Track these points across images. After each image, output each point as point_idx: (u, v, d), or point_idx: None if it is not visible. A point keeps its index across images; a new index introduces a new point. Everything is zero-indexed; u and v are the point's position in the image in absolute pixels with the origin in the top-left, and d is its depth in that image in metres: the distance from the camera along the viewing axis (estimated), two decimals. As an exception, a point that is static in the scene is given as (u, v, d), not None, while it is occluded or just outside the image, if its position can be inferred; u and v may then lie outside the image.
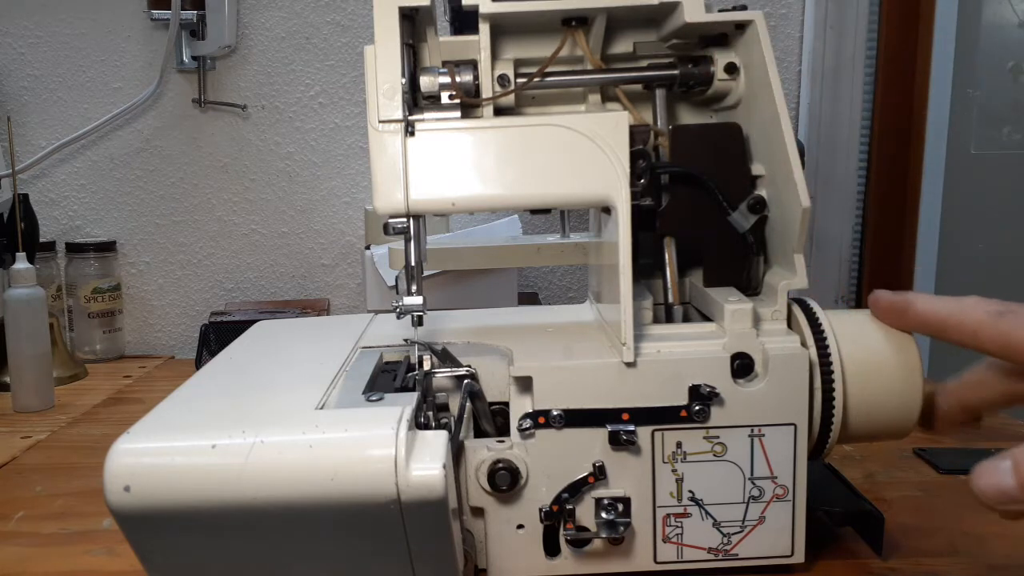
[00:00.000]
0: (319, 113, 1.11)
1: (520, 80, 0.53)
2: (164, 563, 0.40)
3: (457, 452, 0.46)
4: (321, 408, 0.43)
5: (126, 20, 1.09)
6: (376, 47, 0.47)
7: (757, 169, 0.52)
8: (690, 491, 0.47)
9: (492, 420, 0.49)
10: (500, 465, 0.46)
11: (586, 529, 0.47)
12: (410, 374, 0.49)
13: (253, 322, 0.65)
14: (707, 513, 0.47)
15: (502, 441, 0.47)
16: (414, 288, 0.48)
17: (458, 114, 0.50)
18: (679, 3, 0.49)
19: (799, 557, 0.48)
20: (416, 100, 0.51)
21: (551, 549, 0.48)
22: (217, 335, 0.97)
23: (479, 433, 0.49)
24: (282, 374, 0.50)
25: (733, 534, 0.48)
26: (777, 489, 0.47)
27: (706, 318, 0.51)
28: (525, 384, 0.47)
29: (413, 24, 0.51)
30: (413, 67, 0.51)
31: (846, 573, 0.50)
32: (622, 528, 0.46)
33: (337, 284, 1.15)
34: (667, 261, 0.53)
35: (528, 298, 1.11)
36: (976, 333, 0.39)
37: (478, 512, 0.47)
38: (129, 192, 1.12)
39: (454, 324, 0.58)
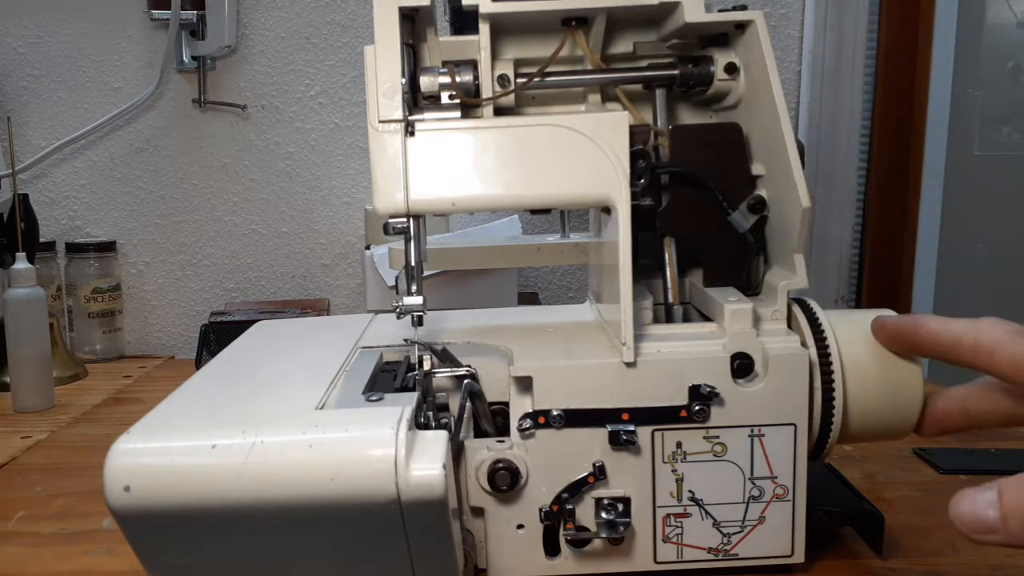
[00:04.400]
0: (319, 113, 1.11)
1: (520, 80, 0.53)
2: (164, 563, 0.40)
3: (457, 452, 0.46)
4: (321, 408, 0.43)
5: (126, 20, 1.09)
6: (376, 47, 0.47)
7: (757, 169, 0.52)
8: (690, 491, 0.47)
9: (492, 420, 0.49)
10: (500, 465, 0.46)
11: (586, 529, 0.47)
12: (410, 374, 0.49)
13: (253, 322, 0.65)
14: (707, 513, 0.47)
15: (502, 441, 0.47)
16: (414, 288, 0.48)
17: (458, 114, 0.50)
18: (679, 3, 0.49)
19: (799, 557, 0.48)
20: (416, 100, 0.51)
21: (551, 549, 0.48)
22: (217, 335, 0.97)
23: (479, 433, 0.49)
24: (282, 374, 0.50)
25: (733, 534, 0.48)
26: (777, 489, 0.47)
27: (706, 318, 0.51)
28: (525, 384, 0.47)
29: (413, 24, 0.51)
30: (413, 67, 0.51)
31: (846, 573, 0.50)
32: (622, 528, 0.46)
33: (337, 284, 1.15)
34: (667, 261, 0.53)
35: (528, 298, 1.11)
36: (992, 352, 0.38)
37: (478, 512, 0.47)
38: (129, 192, 1.12)
39: (454, 324, 0.58)
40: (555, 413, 0.46)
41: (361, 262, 1.03)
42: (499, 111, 0.53)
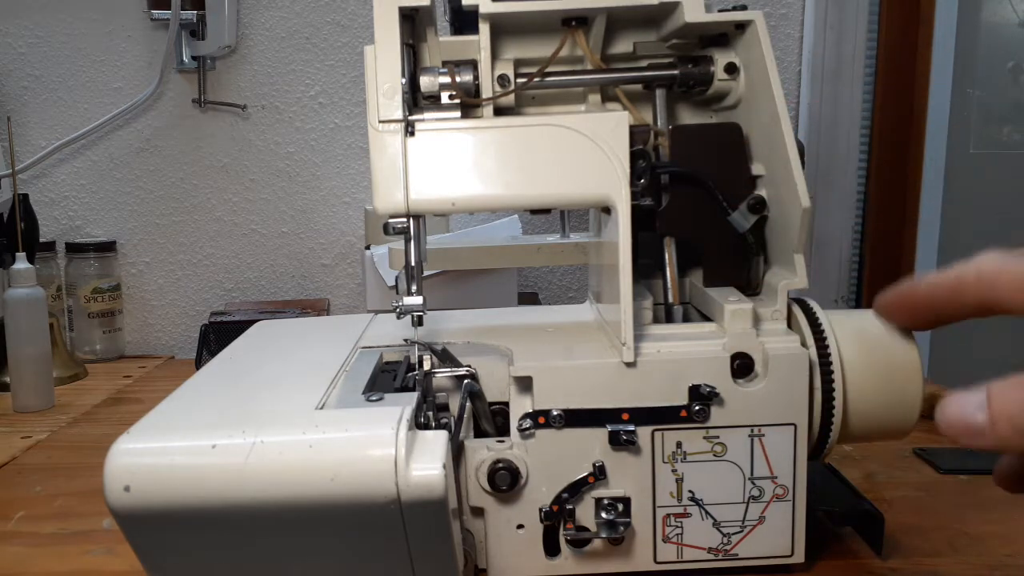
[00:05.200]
0: (319, 113, 1.11)
1: (520, 80, 0.53)
2: (164, 563, 0.40)
3: (457, 452, 0.46)
4: (321, 408, 0.43)
5: (126, 20, 1.09)
6: (376, 47, 0.47)
7: (757, 169, 0.52)
8: (690, 491, 0.47)
9: (492, 420, 0.49)
10: (500, 465, 0.46)
11: (586, 529, 0.47)
12: (410, 374, 0.49)
13: (253, 322, 0.65)
14: (707, 513, 0.47)
15: (502, 441, 0.47)
16: (414, 288, 0.48)
17: (458, 114, 0.50)
18: (679, 3, 0.49)
19: (799, 557, 0.48)
20: (416, 100, 0.51)
21: (551, 549, 0.48)
22: (217, 335, 0.97)
23: (479, 433, 0.49)
24: (282, 374, 0.50)
25: (733, 534, 0.48)
26: (777, 489, 0.47)
27: (706, 318, 0.51)
28: (525, 384, 0.47)
29: (413, 24, 0.51)
30: (413, 67, 0.51)
31: (846, 573, 0.50)
32: (622, 528, 0.46)
33: (337, 284, 1.15)
34: (667, 261, 0.53)
35: (528, 298, 1.11)
36: (997, 276, 0.34)
37: (478, 512, 0.47)
38: (129, 192, 1.12)
39: (454, 324, 0.58)
40: (555, 413, 0.46)
41: (361, 262, 1.03)
42: (499, 111, 0.53)
